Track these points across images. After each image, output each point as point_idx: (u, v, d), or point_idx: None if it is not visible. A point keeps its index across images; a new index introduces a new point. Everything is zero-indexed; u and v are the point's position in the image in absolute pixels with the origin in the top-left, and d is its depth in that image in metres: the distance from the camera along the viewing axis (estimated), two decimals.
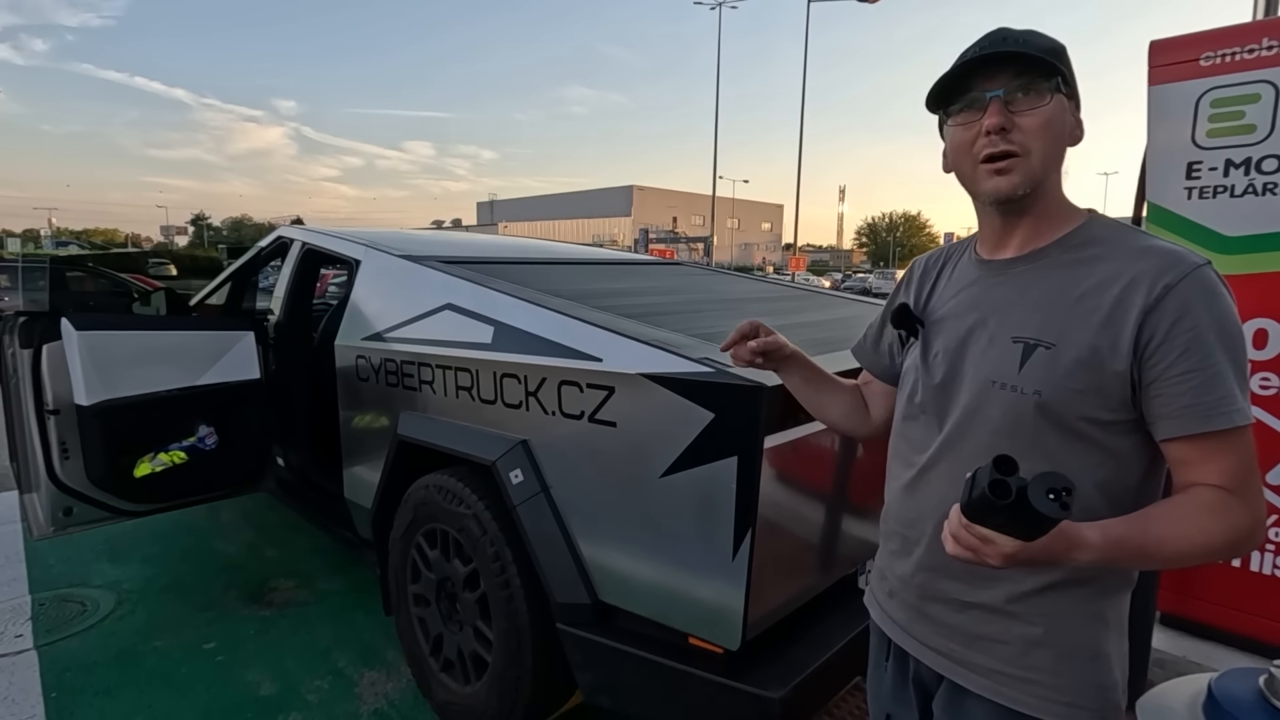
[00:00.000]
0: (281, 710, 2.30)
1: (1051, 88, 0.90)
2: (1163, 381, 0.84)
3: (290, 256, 3.22)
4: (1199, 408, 0.82)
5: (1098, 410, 0.88)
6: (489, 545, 1.90)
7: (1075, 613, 0.92)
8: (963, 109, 0.94)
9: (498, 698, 1.95)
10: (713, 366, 1.47)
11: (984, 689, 0.95)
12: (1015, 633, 0.93)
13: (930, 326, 1.06)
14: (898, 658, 1.11)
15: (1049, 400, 0.88)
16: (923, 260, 1.17)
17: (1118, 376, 0.86)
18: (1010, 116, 0.89)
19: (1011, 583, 0.93)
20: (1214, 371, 0.82)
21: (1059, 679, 0.92)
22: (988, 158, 0.91)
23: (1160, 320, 0.84)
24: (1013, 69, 0.90)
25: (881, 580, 1.13)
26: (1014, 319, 0.94)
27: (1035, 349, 0.90)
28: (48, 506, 2.68)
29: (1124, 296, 0.86)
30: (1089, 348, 0.87)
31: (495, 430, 1.94)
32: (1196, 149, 2.16)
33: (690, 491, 1.49)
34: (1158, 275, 0.85)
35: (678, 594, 1.57)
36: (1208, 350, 0.83)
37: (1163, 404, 0.85)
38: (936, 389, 1.01)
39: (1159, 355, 0.84)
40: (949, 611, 0.99)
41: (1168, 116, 2.21)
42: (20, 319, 2.69)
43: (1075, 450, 0.90)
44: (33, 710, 2.27)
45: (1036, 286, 0.94)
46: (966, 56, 0.92)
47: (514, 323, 1.94)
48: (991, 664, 0.95)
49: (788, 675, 1.49)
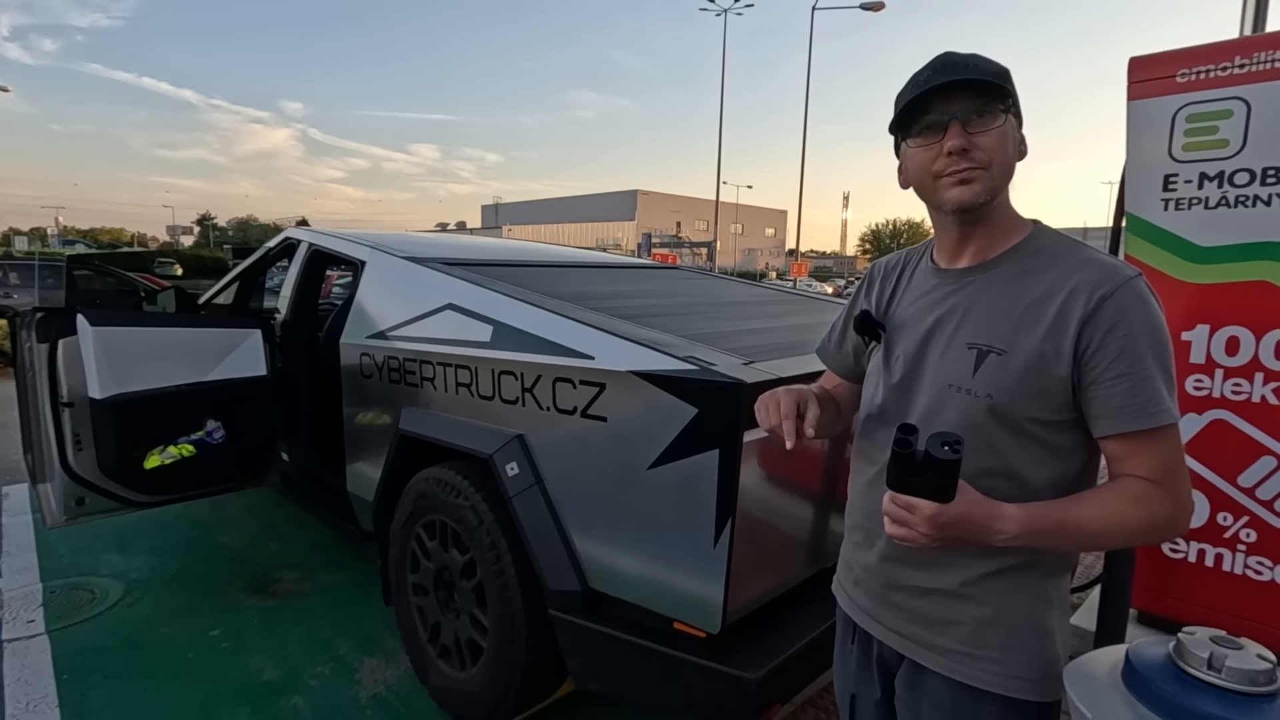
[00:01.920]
0: (285, 694, 2.39)
1: (1004, 108, 0.97)
2: (1099, 384, 0.92)
3: (297, 257, 3.31)
4: (1131, 408, 0.90)
5: (1043, 411, 0.96)
6: (485, 535, 1.99)
7: (1022, 594, 1.00)
8: (922, 130, 1.00)
9: (492, 682, 2.03)
10: (697, 364, 1.55)
11: (941, 667, 1.04)
12: (969, 614, 1.01)
13: (891, 331, 1.13)
14: (862, 641, 1.19)
15: (1000, 403, 0.96)
16: (882, 265, 1.24)
17: (1061, 380, 0.94)
18: (969, 137, 0.96)
19: (964, 569, 1.01)
20: (1144, 375, 0.90)
21: (1008, 655, 1.00)
22: (950, 173, 0.98)
23: (1097, 328, 0.91)
24: (969, 92, 0.96)
25: (847, 570, 1.21)
26: (969, 326, 1.01)
27: (988, 355, 0.98)
28: (61, 496, 2.77)
29: (1065, 306, 0.94)
30: (1036, 354, 0.94)
31: (493, 425, 2.03)
32: (1173, 162, 2.24)
33: (675, 483, 1.58)
34: (1095, 286, 0.93)
35: (663, 581, 1.65)
36: (1139, 355, 0.90)
37: (1099, 405, 0.92)
38: (897, 389, 1.09)
39: (1095, 360, 0.92)
40: (910, 598, 1.07)
41: (1146, 130, 2.28)
42: (37, 315, 2.78)
43: (1023, 447, 0.98)
44: (46, 690, 2.36)
45: (989, 295, 1.01)
46: (925, 84, 0.98)
47: (512, 322, 2.02)
48: (948, 644, 1.03)
49: (765, 658, 1.57)
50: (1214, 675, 0.74)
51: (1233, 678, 0.73)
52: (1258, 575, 2.16)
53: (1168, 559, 2.32)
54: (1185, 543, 2.29)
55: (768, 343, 2.05)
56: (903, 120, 1.02)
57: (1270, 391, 2.08)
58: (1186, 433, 2.23)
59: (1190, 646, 0.77)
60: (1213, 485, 2.21)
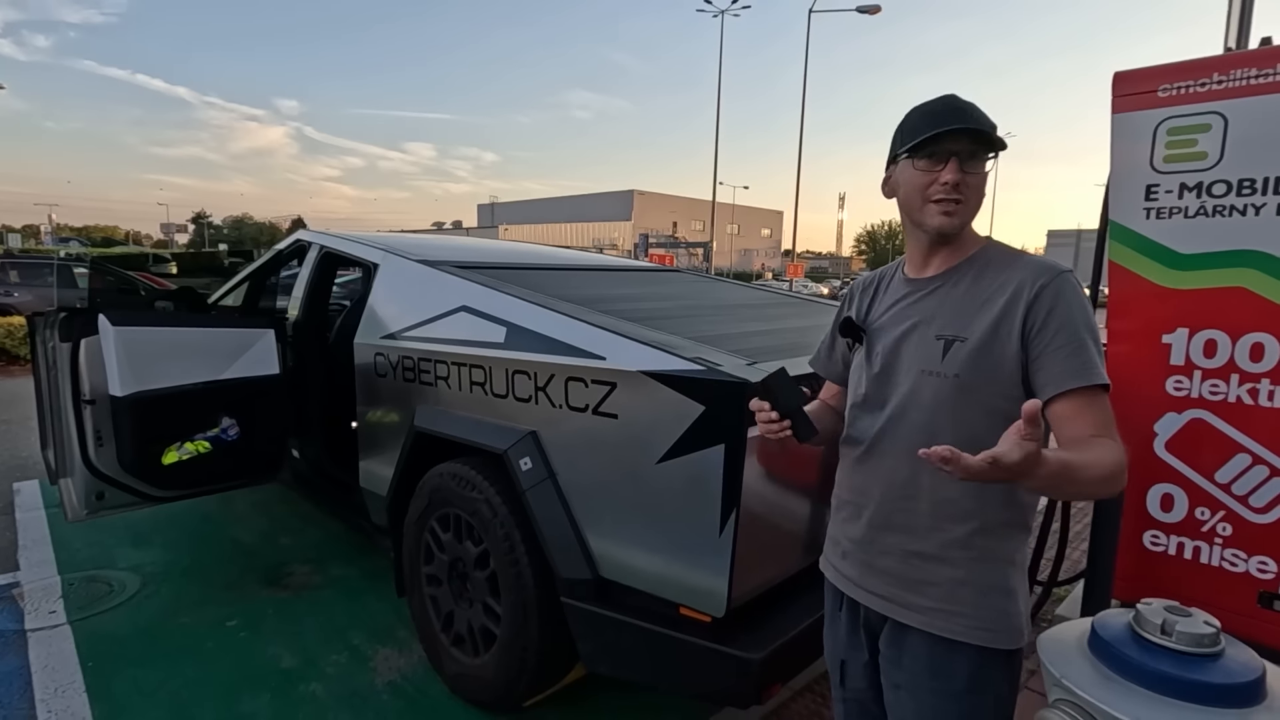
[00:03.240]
0: (303, 680, 2.48)
1: (989, 157, 1.18)
2: (1045, 355, 1.10)
3: (308, 259, 3.40)
4: (1071, 370, 1.07)
5: (998, 385, 1.13)
6: (499, 527, 2.08)
7: (989, 558, 1.17)
8: (927, 157, 1.18)
9: (505, 667, 2.13)
10: (704, 365, 1.66)
11: (921, 623, 1.19)
12: (945, 575, 1.17)
13: (871, 334, 1.32)
14: (849, 609, 1.35)
15: (965, 381, 1.14)
16: (860, 282, 1.44)
17: (1012, 358, 1.12)
18: (963, 175, 1.15)
19: (942, 532, 1.18)
20: (1081, 343, 1.08)
21: (979, 610, 1.16)
22: (939, 200, 1.17)
23: (1038, 310, 1.11)
24: (971, 136, 1.15)
25: (835, 545, 1.37)
26: (937, 322, 1.20)
27: (953, 343, 1.17)
28: (82, 491, 2.85)
29: (1013, 296, 1.14)
30: (991, 335, 1.13)
31: (507, 422, 2.13)
32: (1154, 173, 2.34)
33: (682, 476, 1.68)
34: (1035, 278, 1.13)
35: (670, 568, 1.75)
36: (1075, 329, 1.09)
37: (1046, 372, 1.09)
38: (878, 379, 1.26)
39: (1040, 335, 1.10)
40: (893, 562, 1.23)
41: (1129, 142, 2.39)
42: (60, 315, 2.87)
43: (986, 420, 1.13)
44: (72, 677, 2.45)
45: (952, 296, 1.21)
46: (944, 122, 1.14)
47: (525, 324, 2.12)
48: (927, 603, 1.19)
49: (767, 641, 1.68)
50: (1166, 639, 0.84)
51: (1182, 640, 0.83)
52: (1233, 567, 2.27)
53: (1149, 552, 2.43)
54: (1166, 536, 2.40)
55: (769, 344, 2.15)
56: (914, 143, 1.18)
57: (1245, 392, 2.19)
58: (1167, 431, 2.34)
59: (1147, 615, 0.87)
60: (1191, 481, 2.32)
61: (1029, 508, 1.20)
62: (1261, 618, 2.20)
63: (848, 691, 1.40)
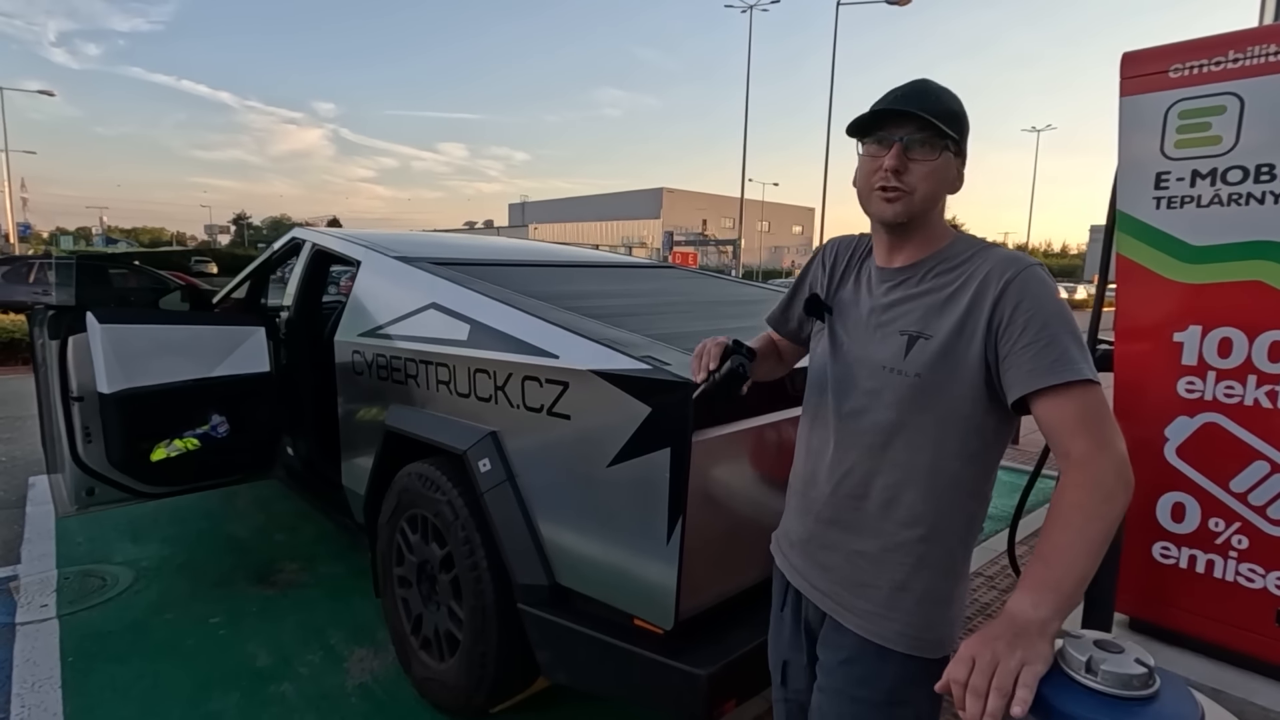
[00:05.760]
0: (274, 680, 2.46)
1: (944, 146, 1.09)
2: (1013, 354, 1.01)
3: (302, 256, 3.40)
4: (1040, 368, 0.98)
5: (960, 387, 1.06)
6: (461, 530, 2.03)
7: (930, 566, 1.12)
8: (872, 143, 1.13)
9: (467, 673, 2.07)
10: (651, 364, 1.57)
11: (858, 627, 1.15)
12: (886, 579, 1.13)
13: (836, 316, 1.25)
14: (793, 604, 1.30)
15: (926, 380, 1.08)
16: (835, 245, 1.33)
17: (978, 357, 1.05)
18: (906, 161, 1.08)
19: (886, 535, 1.13)
20: (1050, 337, 0.98)
21: (915, 618, 1.12)
22: (881, 188, 1.11)
23: (1004, 306, 1.03)
24: (918, 122, 1.07)
25: (785, 533, 1.33)
26: (902, 317, 1.13)
27: (917, 340, 1.10)
28: (72, 486, 2.89)
29: (979, 291, 1.06)
30: (955, 333, 1.06)
31: (469, 422, 2.07)
32: (1165, 159, 2.18)
33: (632, 480, 1.60)
34: (1002, 273, 1.05)
35: (623, 577, 1.67)
36: (1044, 323, 1.00)
37: (1014, 371, 1.01)
38: (838, 369, 1.20)
39: (1008, 333, 1.02)
40: (837, 558, 1.18)
41: (1138, 127, 2.23)
42: (49, 312, 2.90)
43: (946, 421, 1.08)
44: (51, 672, 2.47)
45: (918, 290, 1.14)
46: (885, 103, 1.10)
47: (487, 321, 2.06)
48: (866, 606, 1.15)
49: (719, 655, 1.59)
50: (1090, 678, 0.74)
51: (1108, 681, 0.73)
52: (1249, 583, 2.11)
53: (1159, 565, 2.27)
54: (1177, 549, 2.24)
55: None
56: (862, 127, 1.14)
57: (1264, 395, 2.03)
58: (1178, 436, 2.18)
59: (1072, 650, 0.77)
60: (1204, 490, 2.16)
61: (979, 517, 1.15)
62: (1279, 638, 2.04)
63: (789, 692, 1.34)
